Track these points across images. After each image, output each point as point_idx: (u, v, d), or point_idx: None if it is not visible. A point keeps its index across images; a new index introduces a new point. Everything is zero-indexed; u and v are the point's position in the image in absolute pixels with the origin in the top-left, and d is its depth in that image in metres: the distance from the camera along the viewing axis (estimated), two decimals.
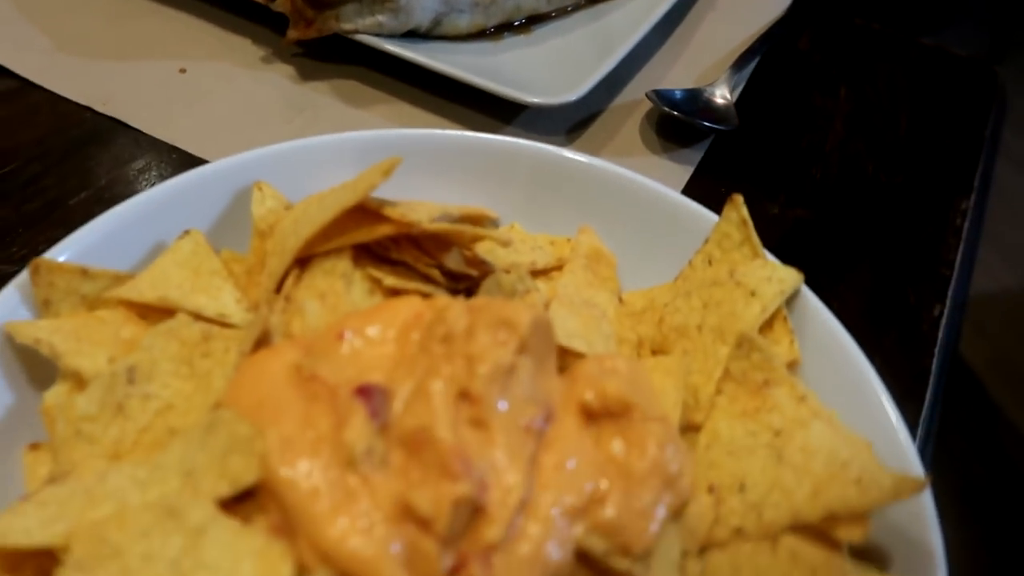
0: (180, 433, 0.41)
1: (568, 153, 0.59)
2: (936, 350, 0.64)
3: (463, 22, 0.82)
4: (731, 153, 0.79)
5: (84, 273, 0.46)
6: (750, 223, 0.52)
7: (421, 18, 0.79)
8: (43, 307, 0.46)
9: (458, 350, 0.40)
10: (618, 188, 0.58)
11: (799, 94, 0.89)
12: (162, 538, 0.34)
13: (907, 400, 0.60)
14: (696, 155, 0.77)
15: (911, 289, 0.69)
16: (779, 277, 0.50)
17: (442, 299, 0.44)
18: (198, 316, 0.46)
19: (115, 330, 0.45)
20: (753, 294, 0.49)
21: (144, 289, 0.47)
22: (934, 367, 0.63)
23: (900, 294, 0.68)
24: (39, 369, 0.45)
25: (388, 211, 0.48)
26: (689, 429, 0.46)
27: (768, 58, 0.91)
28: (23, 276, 0.45)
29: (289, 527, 0.36)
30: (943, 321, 0.67)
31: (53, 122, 0.73)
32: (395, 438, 0.38)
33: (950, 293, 0.69)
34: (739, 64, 0.87)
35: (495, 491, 0.37)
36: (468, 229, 0.49)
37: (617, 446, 0.40)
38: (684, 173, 0.75)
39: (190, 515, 0.35)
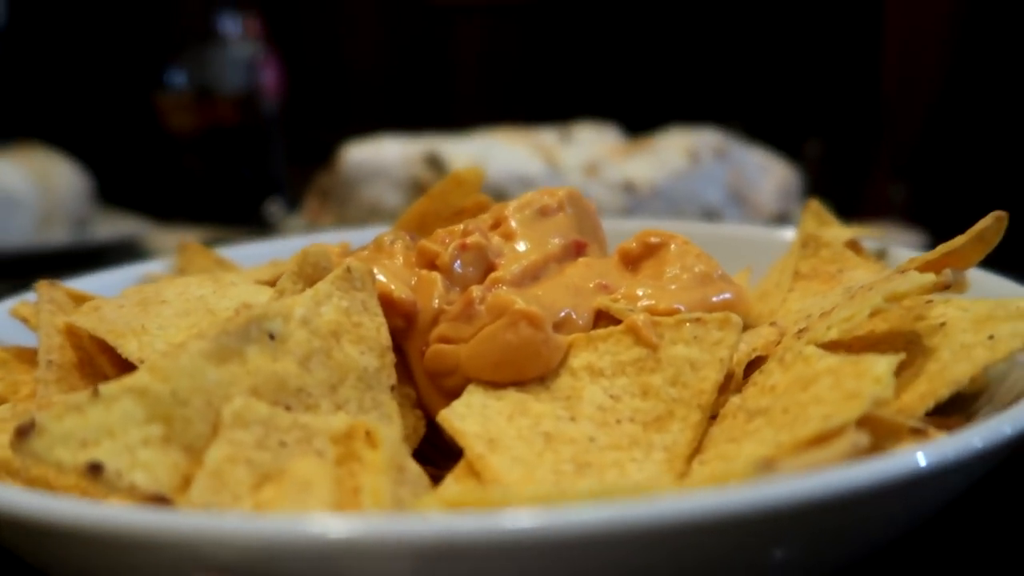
0: None
1: None
2: None
3: None
4: None
5: (221, 263, 0.55)
6: (824, 211, 0.52)
7: None
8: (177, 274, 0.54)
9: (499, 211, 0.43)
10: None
11: None
12: (198, 287, 0.37)
13: None
14: None
15: None
16: (852, 230, 0.48)
17: None
18: None
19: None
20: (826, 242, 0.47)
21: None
22: None
23: None
24: None
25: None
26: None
27: None
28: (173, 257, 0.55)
29: None
30: None
31: None
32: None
33: None
34: None
35: (508, 258, 0.36)
36: None
37: (650, 267, 0.38)
38: None
39: (226, 278, 0.38)
